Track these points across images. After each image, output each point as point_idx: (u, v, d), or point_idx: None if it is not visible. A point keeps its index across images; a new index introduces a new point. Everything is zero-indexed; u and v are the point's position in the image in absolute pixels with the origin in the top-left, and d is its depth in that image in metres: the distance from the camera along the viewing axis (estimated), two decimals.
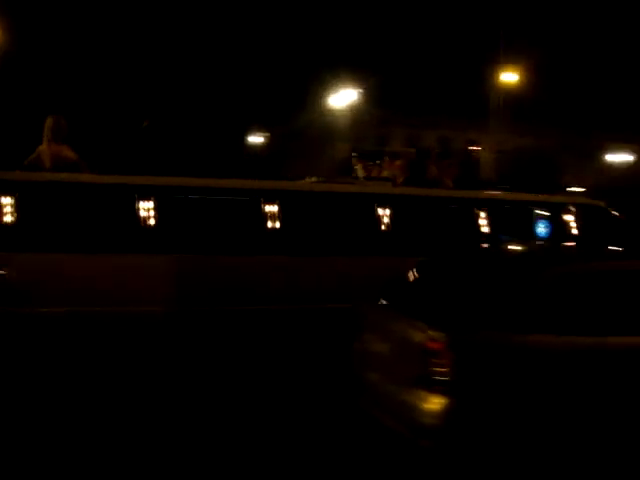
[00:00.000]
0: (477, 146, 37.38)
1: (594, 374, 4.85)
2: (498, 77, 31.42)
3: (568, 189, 21.48)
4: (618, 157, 47.85)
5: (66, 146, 7.90)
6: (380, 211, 8.06)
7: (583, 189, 24.96)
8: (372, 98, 38.97)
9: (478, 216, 8.40)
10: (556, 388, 4.77)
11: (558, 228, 7.99)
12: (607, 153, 47.61)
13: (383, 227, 8.07)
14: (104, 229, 7.13)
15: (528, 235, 6.72)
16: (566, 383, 4.80)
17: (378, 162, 11.52)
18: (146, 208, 7.18)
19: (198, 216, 7.50)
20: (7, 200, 6.80)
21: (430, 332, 4.78)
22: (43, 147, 7.87)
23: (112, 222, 7.17)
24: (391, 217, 8.06)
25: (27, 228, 6.85)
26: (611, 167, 46.77)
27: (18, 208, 6.81)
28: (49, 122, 7.88)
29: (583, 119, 43.55)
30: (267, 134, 44.69)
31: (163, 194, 7.33)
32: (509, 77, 31.53)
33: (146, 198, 7.20)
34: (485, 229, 8.35)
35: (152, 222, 7.17)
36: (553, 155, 37.46)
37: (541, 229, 6.27)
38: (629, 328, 5.05)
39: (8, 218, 6.78)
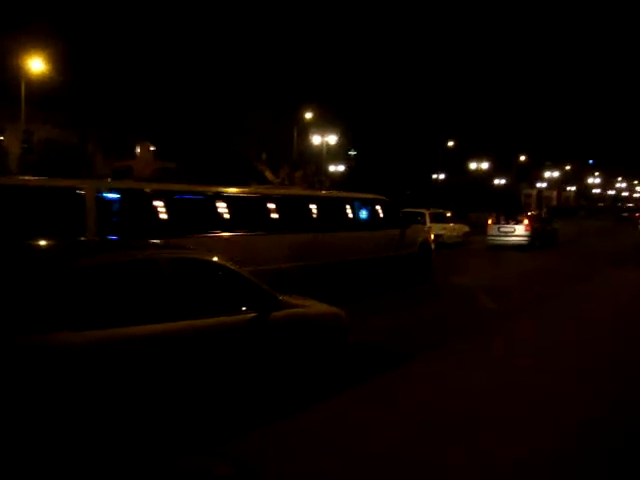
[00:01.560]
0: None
1: (117, 363, 5.16)
2: (24, 64, 30.11)
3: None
4: None
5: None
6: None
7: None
8: None
9: None
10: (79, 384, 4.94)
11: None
12: None
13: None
14: (268, 222, 12.91)
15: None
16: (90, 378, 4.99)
17: None
18: (277, 209, 13.17)
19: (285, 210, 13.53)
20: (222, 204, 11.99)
21: None
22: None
23: (272, 217, 12.99)
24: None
25: (232, 222, 11.98)
26: None
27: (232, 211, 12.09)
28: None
29: None
30: None
31: (279, 200, 13.58)
32: (36, 65, 30.44)
33: (275, 201, 13.37)
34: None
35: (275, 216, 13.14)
36: (82, 147, 37.43)
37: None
38: (145, 317, 5.44)
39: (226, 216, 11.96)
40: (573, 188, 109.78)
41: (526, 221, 29.30)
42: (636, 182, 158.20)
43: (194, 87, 51.57)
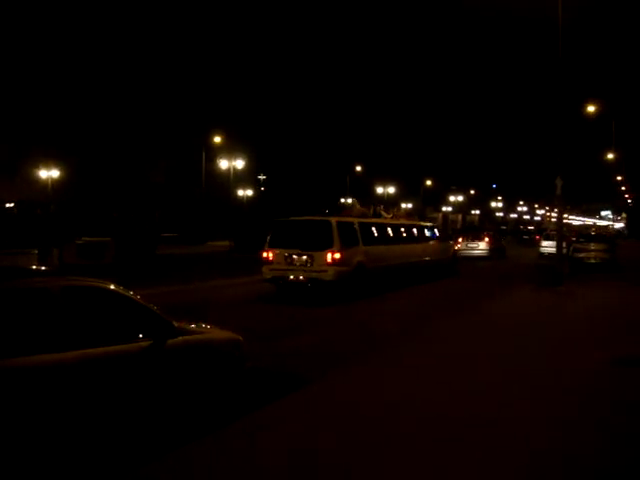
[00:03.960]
0: None
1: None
2: None
3: None
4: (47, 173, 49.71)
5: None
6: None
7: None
8: None
9: None
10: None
11: None
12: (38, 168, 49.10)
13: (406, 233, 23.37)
14: (387, 239, 21.26)
15: None
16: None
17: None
18: (373, 229, 20.59)
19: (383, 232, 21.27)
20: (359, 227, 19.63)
21: None
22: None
23: (379, 237, 20.65)
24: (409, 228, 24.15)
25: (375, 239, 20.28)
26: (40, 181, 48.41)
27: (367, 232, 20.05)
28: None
29: None
30: None
31: (400, 226, 23.44)
32: None
33: (376, 226, 21.08)
34: None
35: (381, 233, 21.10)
36: None
37: None
38: (34, 347, 5.33)
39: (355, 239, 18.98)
40: (477, 211, 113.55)
41: (487, 239, 40.30)
42: (537, 206, 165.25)
43: (100, 109, 50.79)
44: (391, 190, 74.85)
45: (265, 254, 18.64)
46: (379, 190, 73.72)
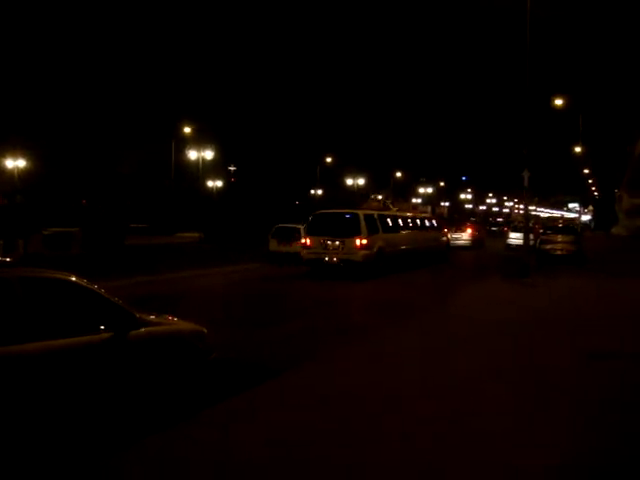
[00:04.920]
0: None
1: None
2: None
3: None
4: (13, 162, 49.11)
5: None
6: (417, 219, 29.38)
7: None
8: None
9: None
10: None
11: None
12: None
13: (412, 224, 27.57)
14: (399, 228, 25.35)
15: None
16: None
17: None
18: (389, 221, 24.81)
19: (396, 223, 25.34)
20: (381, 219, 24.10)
21: None
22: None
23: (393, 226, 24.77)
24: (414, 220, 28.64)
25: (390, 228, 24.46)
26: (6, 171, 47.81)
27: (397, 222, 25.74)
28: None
29: None
30: None
31: (408, 217, 28.03)
32: None
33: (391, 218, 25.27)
34: None
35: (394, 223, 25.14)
36: None
37: None
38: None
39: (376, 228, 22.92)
40: (447, 203, 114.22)
41: (469, 230, 44.87)
42: (505, 198, 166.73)
43: (68, 97, 50.07)
44: (361, 182, 74.98)
45: (304, 240, 23.08)
46: (349, 182, 73.82)
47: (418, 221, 28.66)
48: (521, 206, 31.87)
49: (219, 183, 59.88)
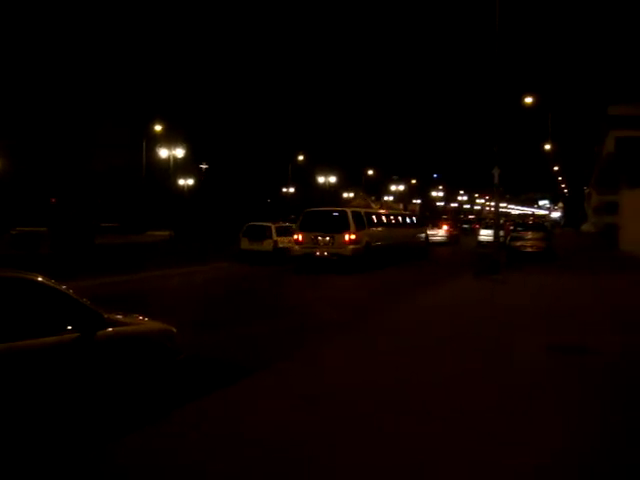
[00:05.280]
0: None
1: None
2: None
3: None
4: None
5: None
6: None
7: None
8: None
9: None
10: None
11: None
12: None
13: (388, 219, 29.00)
14: (383, 224, 27.26)
15: None
16: None
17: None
18: (374, 217, 26.39)
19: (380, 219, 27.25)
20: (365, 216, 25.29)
21: None
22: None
23: (378, 223, 26.61)
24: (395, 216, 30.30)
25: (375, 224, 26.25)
26: None
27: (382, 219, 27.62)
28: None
29: None
30: None
31: (391, 215, 29.59)
32: None
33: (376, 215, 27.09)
34: None
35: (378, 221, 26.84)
36: None
37: None
38: None
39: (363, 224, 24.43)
40: (418, 201, 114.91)
41: (446, 227, 47.51)
42: (477, 195, 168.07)
43: (37, 93, 49.39)
44: (333, 179, 75.01)
45: (296, 236, 24.20)
46: (321, 179, 73.81)
47: (400, 218, 30.61)
48: (492, 203, 32.33)
49: (190, 181, 59.50)
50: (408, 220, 32.02)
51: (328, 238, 23.23)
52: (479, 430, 6.10)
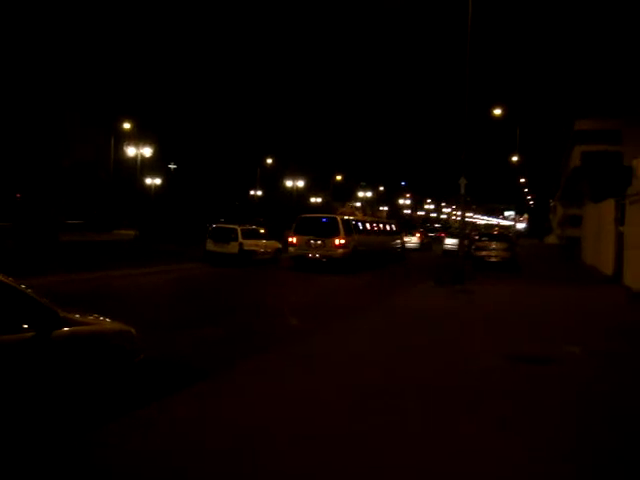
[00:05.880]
0: None
1: None
2: None
3: None
4: None
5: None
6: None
7: None
8: None
9: None
10: None
11: None
12: None
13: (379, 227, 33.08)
14: (368, 231, 30.16)
15: None
16: None
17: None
18: (360, 224, 29.07)
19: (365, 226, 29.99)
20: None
21: None
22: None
23: (363, 229, 29.36)
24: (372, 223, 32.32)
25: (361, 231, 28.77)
26: None
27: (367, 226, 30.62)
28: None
29: None
30: None
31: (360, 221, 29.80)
32: None
33: (361, 222, 29.75)
34: None
35: (363, 227, 29.56)
36: None
37: None
38: None
39: (351, 230, 27.28)
40: (385, 208, 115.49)
41: (418, 234, 51.07)
42: (444, 204, 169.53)
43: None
44: (300, 184, 74.97)
45: (291, 239, 26.84)
46: (289, 183, 73.74)
47: (382, 225, 33.50)
48: (458, 213, 33.06)
49: (158, 181, 59.01)
50: (388, 227, 34.65)
51: (320, 242, 25.77)
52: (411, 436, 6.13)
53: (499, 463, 5.60)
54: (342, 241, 25.70)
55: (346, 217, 28.04)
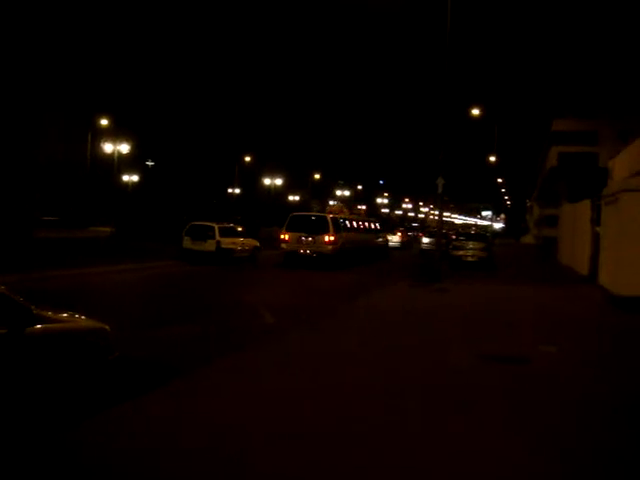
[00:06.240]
0: None
1: None
2: None
3: None
4: None
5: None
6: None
7: None
8: None
9: None
10: None
11: None
12: None
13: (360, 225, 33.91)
14: (355, 229, 31.72)
15: None
16: None
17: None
18: (347, 222, 30.39)
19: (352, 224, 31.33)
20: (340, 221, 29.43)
21: None
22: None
23: (350, 227, 31.02)
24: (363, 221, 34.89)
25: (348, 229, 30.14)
26: None
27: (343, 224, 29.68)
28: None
29: None
30: None
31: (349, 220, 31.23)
32: None
33: (349, 221, 30.99)
34: None
35: (350, 225, 31.01)
36: None
37: None
38: None
39: (340, 228, 28.68)
40: (364, 207, 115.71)
41: (399, 234, 52.44)
42: (421, 203, 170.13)
43: None
44: (279, 182, 74.86)
45: (283, 236, 27.98)
46: (267, 181, 73.57)
47: (367, 224, 35.06)
48: (436, 212, 33.55)
49: (135, 178, 58.58)
50: (373, 226, 36.45)
51: (310, 238, 27.12)
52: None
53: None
54: (331, 238, 27.05)
55: (336, 215, 29.72)
